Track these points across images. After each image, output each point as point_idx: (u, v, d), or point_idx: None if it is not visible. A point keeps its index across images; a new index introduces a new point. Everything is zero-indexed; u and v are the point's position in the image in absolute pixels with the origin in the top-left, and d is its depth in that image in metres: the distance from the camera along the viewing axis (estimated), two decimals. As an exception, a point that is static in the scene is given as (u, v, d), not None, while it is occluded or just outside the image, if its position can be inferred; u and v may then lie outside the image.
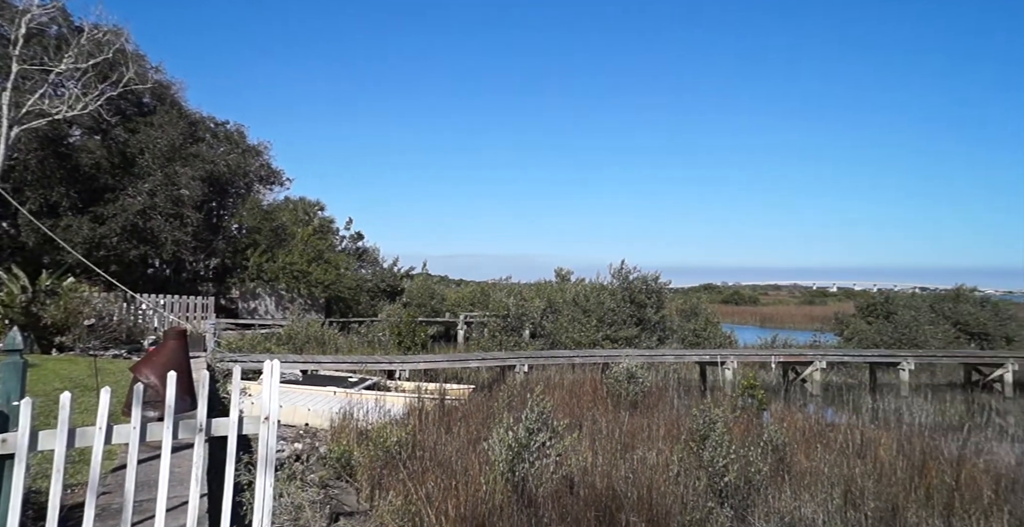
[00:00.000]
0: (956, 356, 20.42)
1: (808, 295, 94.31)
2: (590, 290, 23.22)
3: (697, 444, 7.12)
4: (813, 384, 18.61)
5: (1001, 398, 18.13)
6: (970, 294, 26.42)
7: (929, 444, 8.52)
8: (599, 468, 6.55)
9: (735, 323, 39.95)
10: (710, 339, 23.12)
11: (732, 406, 10.53)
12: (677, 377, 19.47)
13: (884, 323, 24.18)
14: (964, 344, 23.49)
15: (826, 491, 6.34)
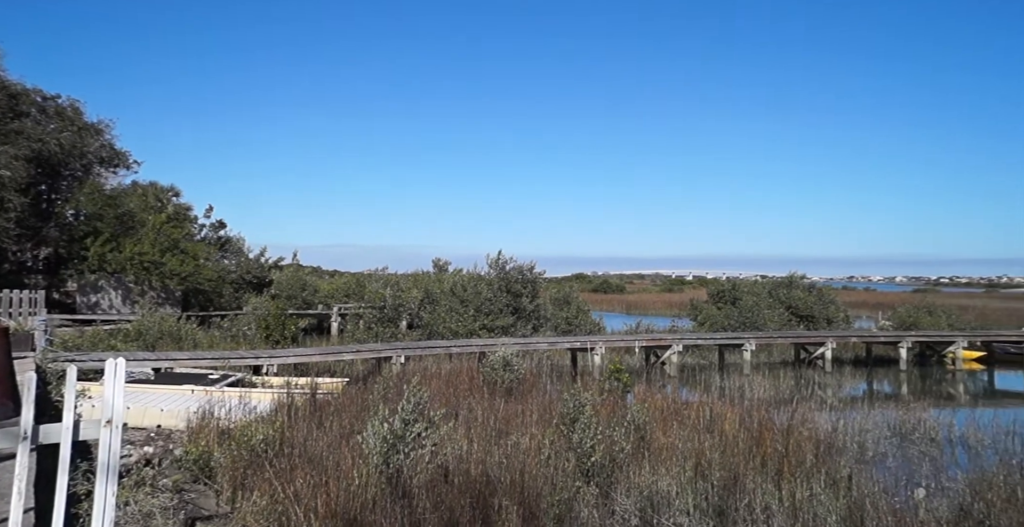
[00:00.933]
0: (788, 337, 22.99)
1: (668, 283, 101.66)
2: (468, 280, 23.39)
3: (567, 427, 7.46)
4: (671, 366, 20.12)
5: (823, 373, 20.72)
6: (800, 281, 29.81)
7: (765, 417, 9.54)
8: (474, 455, 6.66)
9: (604, 310, 42.14)
10: (581, 326, 24.21)
11: (600, 389, 11.13)
12: (550, 363, 20.21)
13: (731, 308, 26.65)
14: (795, 326, 26.51)
15: (680, 464, 6.91)
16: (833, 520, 5.72)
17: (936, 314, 27.65)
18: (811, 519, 5.77)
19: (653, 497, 6.06)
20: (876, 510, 5.75)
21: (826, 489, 6.57)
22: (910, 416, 11.65)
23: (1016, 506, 5.73)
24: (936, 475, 8.44)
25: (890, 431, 11.14)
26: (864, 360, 23.95)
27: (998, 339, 24.32)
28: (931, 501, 6.50)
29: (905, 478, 8.25)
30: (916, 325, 26.56)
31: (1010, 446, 9.92)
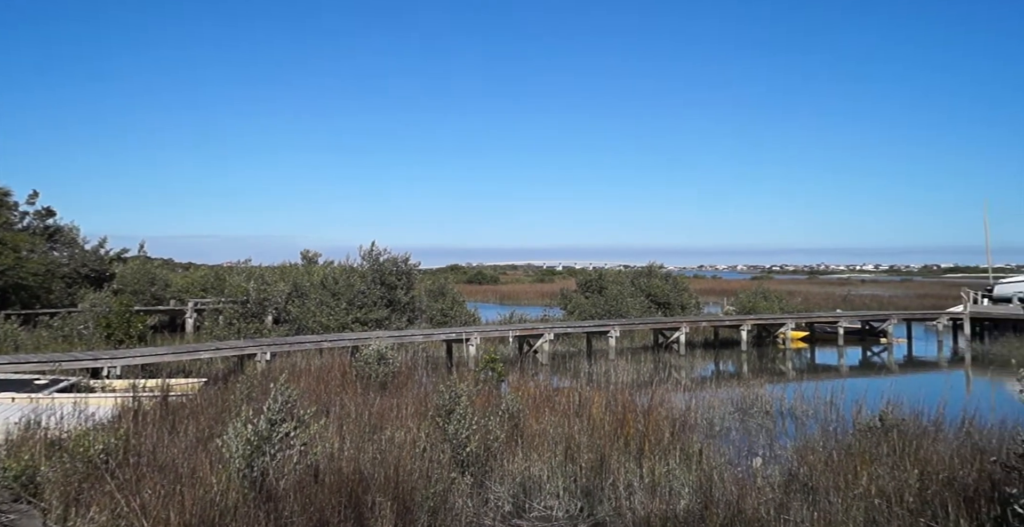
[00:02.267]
0: (648, 323, 24.67)
1: (540, 274, 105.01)
2: (340, 273, 22.59)
3: (443, 419, 7.47)
4: (543, 354, 20.83)
5: (678, 356, 22.50)
6: (659, 270, 32.08)
7: (628, 399, 10.16)
8: (347, 453, 6.49)
9: (478, 301, 42.62)
10: (456, 317, 24.31)
11: (475, 380, 11.26)
12: (426, 356, 20.11)
13: (598, 297, 28.08)
14: (654, 312, 28.50)
15: (551, 449, 7.20)
16: (686, 492, 6.25)
17: (770, 299, 31.01)
18: (668, 492, 6.27)
19: (526, 482, 6.27)
20: (722, 480, 6.35)
21: (680, 463, 7.16)
22: (749, 392, 12.97)
23: (832, 468, 6.59)
24: (770, 445, 9.50)
25: (733, 407, 12.35)
26: (712, 343, 26.31)
27: (818, 320, 27.74)
28: (766, 468, 7.29)
29: (746, 449, 9.20)
30: (754, 310, 29.61)
31: (829, 415, 11.37)
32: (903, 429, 8.01)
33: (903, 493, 5.65)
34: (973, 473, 5.86)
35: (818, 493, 6.00)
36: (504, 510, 6.11)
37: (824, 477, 6.40)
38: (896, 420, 8.40)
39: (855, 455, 6.85)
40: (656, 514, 5.59)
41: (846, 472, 6.37)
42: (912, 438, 7.49)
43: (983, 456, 6.09)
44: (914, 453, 6.84)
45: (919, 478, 5.96)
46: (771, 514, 5.37)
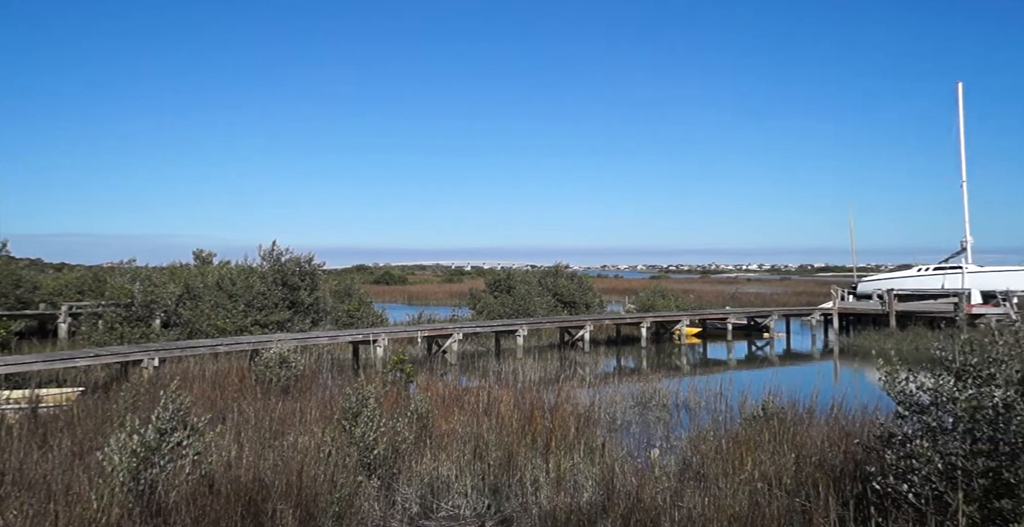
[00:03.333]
0: (555, 322, 25.28)
1: (448, 274, 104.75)
2: (237, 273, 21.43)
3: (350, 422, 7.32)
4: (452, 354, 20.81)
5: (583, 353, 23.22)
6: (564, 270, 32.98)
7: (536, 397, 10.40)
8: (245, 461, 6.21)
9: (386, 302, 41.86)
10: (363, 318, 23.77)
11: (383, 381, 11.10)
12: (331, 358, 19.52)
13: (506, 296, 28.43)
14: (560, 311, 29.24)
15: (460, 449, 7.25)
16: (590, 484, 6.50)
17: (667, 297, 32.71)
18: (572, 486, 6.49)
19: (434, 483, 6.28)
20: (623, 471, 6.66)
21: (585, 458, 7.43)
22: (648, 387, 13.63)
23: (721, 455, 7.09)
24: (667, 436, 10.05)
25: (634, 401, 12.94)
26: (615, 340, 27.36)
27: (709, 317, 29.57)
28: (663, 458, 7.71)
29: (645, 441, 9.68)
30: (653, 307, 31.08)
31: (719, 406, 12.17)
32: (782, 417, 8.73)
33: (782, 476, 6.18)
34: (840, 455, 6.51)
35: (709, 480, 6.43)
36: (411, 511, 6.09)
37: (714, 464, 6.86)
38: (776, 409, 9.15)
39: (741, 443, 7.40)
40: (561, 508, 5.78)
41: (733, 459, 6.87)
42: (790, 425, 8.19)
43: (848, 439, 6.77)
44: (791, 439, 7.49)
45: (795, 461, 6.54)
46: (667, 502, 5.70)
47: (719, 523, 5.08)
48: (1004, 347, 4.84)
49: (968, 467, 4.36)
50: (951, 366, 5.09)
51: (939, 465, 4.45)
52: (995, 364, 4.75)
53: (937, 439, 4.66)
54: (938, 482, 4.43)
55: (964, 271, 29.30)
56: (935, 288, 29.62)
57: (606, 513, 5.47)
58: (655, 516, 5.35)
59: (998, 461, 4.29)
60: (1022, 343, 4.82)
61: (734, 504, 5.48)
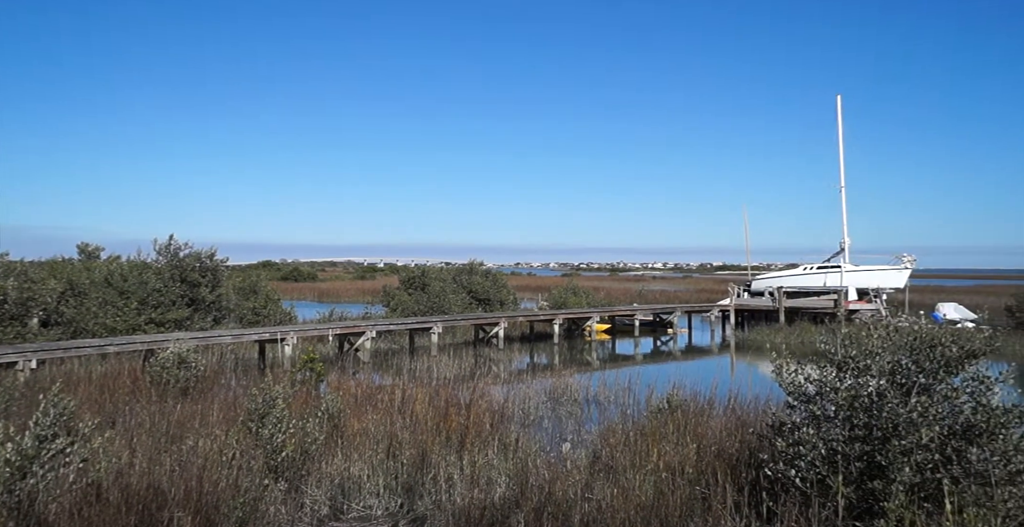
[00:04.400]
0: (469, 319, 25.33)
1: (361, 270, 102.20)
2: (129, 269, 19.89)
3: (256, 423, 7.02)
4: (365, 352, 20.38)
5: (497, 350, 23.41)
6: (479, 267, 33.07)
7: (451, 394, 10.39)
8: (138, 467, 5.81)
9: (295, 299, 40.26)
10: (270, 316, 22.79)
11: (292, 381, 10.70)
12: (236, 358, 18.58)
13: (421, 294, 28.14)
14: (475, 308, 29.32)
15: (372, 448, 7.12)
16: (503, 480, 6.58)
17: (579, 294, 33.59)
18: (486, 482, 6.54)
19: (345, 483, 6.14)
20: (536, 466, 6.79)
21: (499, 454, 7.51)
22: (560, 382, 13.96)
23: (629, 447, 7.38)
24: (578, 430, 10.33)
25: (546, 396, 13.20)
26: (528, 336, 27.77)
27: (618, 313, 30.66)
28: (574, 452, 7.94)
29: (557, 435, 9.91)
30: (565, 305, 31.83)
31: (627, 400, 12.65)
32: (685, 409, 9.20)
33: (684, 465, 6.52)
34: (737, 444, 6.95)
35: (617, 471, 6.68)
36: (321, 513, 5.93)
37: (622, 456, 7.13)
38: (680, 401, 9.63)
39: (647, 435, 7.73)
40: (475, 504, 5.81)
41: (640, 450, 7.17)
42: (692, 416, 8.65)
43: (744, 428, 7.24)
44: (693, 430, 7.90)
45: (697, 451, 6.91)
46: (578, 494, 5.87)
47: (626, 513, 5.29)
48: (878, 340, 5.35)
49: (847, 452, 4.79)
50: (833, 358, 5.56)
51: (822, 451, 4.85)
52: (870, 356, 5.23)
53: (821, 427, 5.08)
54: (821, 467, 4.83)
55: (842, 270, 32.02)
56: (818, 286, 32.21)
57: (519, 507, 5.56)
58: (566, 509, 5.49)
59: (872, 445, 4.74)
60: (893, 337, 5.34)
61: (640, 494, 5.73)
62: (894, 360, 5.15)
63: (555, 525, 5.20)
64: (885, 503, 4.09)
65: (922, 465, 4.22)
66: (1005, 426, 4.11)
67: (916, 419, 4.35)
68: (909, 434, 4.38)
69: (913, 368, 4.93)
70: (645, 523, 5.12)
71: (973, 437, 4.16)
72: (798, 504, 4.67)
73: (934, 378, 4.73)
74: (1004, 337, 23.84)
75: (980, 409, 4.23)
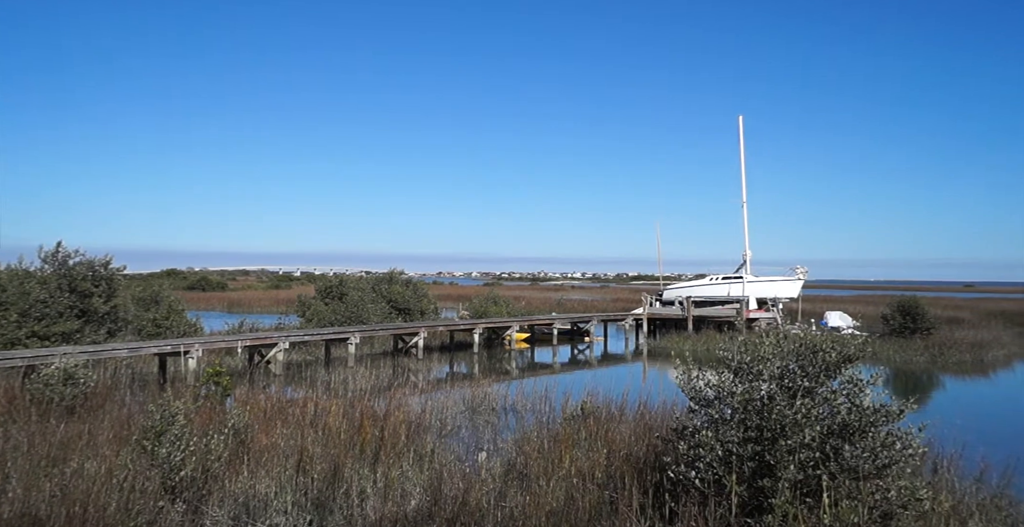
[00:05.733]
0: (389, 329, 24.93)
1: (275, 279, 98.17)
2: (8, 278, 18.19)
3: (152, 442, 6.61)
4: (277, 364, 19.59)
5: (416, 360, 23.15)
6: (399, 277, 32.65)
7: (367, 406, 10.19)
8: (11, 493, 5.34)
9: (202, 310, 38.20)
10: (173, 328, 21.49)
11: (195, 396, 10.15)
12: (132, 373, 17.36)
13: (338, 303, 27.42)
14: (395, 318, 28.89)
15: (281, 464, 6.88)
16: (418, 491, 6.53)
17: (500, 304, 33.83)
18: (400, 494, 6.47)
19: (250, 502, 5.89)
20: (451, 476, 6.77)
21: (414, 465, 7.44)
22: (479, 391, 13.99)
23: (543, 454, 7.51)
24: (494, 439, 10.39)
25: (465, 406, 13.19)
26: (448, 346, 27.64)
27: (537, 322, 31.14)
28: (490, 461, 7.99)
29: (474, 444, 9.92)
30: (486, 314, 31.96)
31: (543, 408, 12.84)
32: (598, 415, 9.48)
33: (595, 470, 6.72)
34: (644, 448, 7.23)
35: (530, 478, 6.78)
36: (224, 535, 5.66)
37: (536, 464, 7.25)
38: (593, 408, 9.91)
39: (561, 441, 7.90)
40: (388, 517, 5.74)
41: (554, 457, 7.32)
42: (604, 422, 8.92)
43: (651, 433, 7.55)
44: (605, 435, 8.16)
45: (607, 456, 7.13)
46: (492, 503, 5.92)
47: (538, 519, 5.39)
48: (769, 347, 5.75)
49: (741, 452, 5.11)
50: (731, 364, 5.92)
51: (719, 452, 5.16)
52: (762, 362, 5.62)
53: (719, 429, 5.40)
54: (718, 467, 5.13)
55: (744, 281, 34.06)
56: (723, 296, 34.09)
57: (432, 519, 5.55)
58: (479, 518, 5.53)
59: (762, 446, 5.09)
60: (782, 344, 5.77)
61: (552, 500, 5.85)
62: (783, 365, 5.55)
63: (468, 534, 5.22)
64: (773, 500, 4.41)
65: (804, 463, 4.58)
66: (874, 424, 4.54)
67: (800, 420, 4.72)
68: (794, 434, 4.74)
69: (799, 372, 5.34)
70: (555, 528, 5.24)
71: (848, 435, 4.57)
72: (696, 504, 4.93)
73: (816, 381, 5.14)
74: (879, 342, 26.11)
75: (854, 409, 4.65)
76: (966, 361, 23.75)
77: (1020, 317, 39.05)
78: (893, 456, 4.39)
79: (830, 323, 30.13)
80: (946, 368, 22.80)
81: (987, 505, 6.26)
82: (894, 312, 27.55)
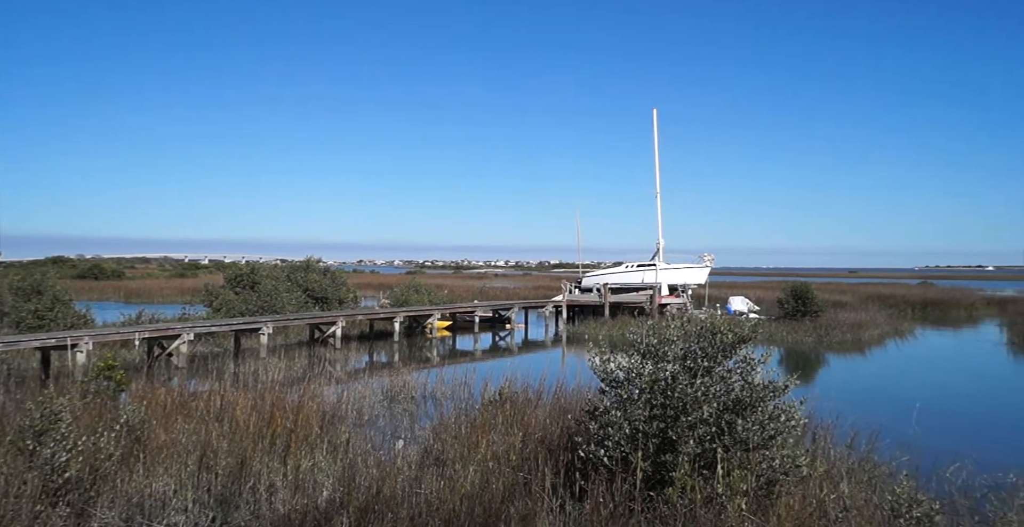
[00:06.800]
0: (304, 318, 24.15)
1: (180, 268, 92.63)
2: None
3: (33, 442, 6.09)
4: (180, 357, 18.55)
5: (334, 350, 22.58)
6: (316, 265, 31.65)
7: (278, 397, 9.84)
8: None
9: (95, 300, 35.47)
10: (59, 320, 19.85)
11: (83, 392, 9.43)
12: (8, 369, 15.90)
13: (250, 292, 26.24)
14: (311, 307, 28.01)
15: (182, 460, 6.52)
16: (331, 483, 6.39)
17: (421, 292, 33.51)
18: (311, 486, 6.30)
19: (145, 501, 5.56)
20: (366, 466, 6.68)
21: (327, 456, 7.28)
22: (398, 380, 13.84)
23: (460, 440, 7.54)
24: (412, 427, 10.33)
25: (383, 395, 13.01)
26: (368, 335, 27.13)
27: (459, 310, 31.13)
28: (407, 449, 7.93)
29: (391, 433, 9.82)
30: (407, 302, 31.58)
31: (463, 394, 12.88)
32: (515, 400, 9.60)
33: (510, 453, 6.81)
34: (558, 430, 7.40)
35: (447, 464, 6.79)
36: (117, 538, 5.31)
37: (453, 449, 7.27)
38: (511, 393, 10.02)
39: (478, 427, 7.95)
40: (297, 509, 5.58)
41: (471, 442, 7.36)
42: (521, 407, 9.05)
43: (565, 415, 7.73)
44: (521, 419, 8.28)
45: (522, 439, 7.25)
46: (407, 490, 5.88)
47: (452, 503, 5.41)
48: (674, 330, 6.02)
49: (647, 430, 5.33)
50: (640, 348, 6.15)
51: (627, 430, 5.36)
52: (668, 344, 5.87)
53: (627, 409, 5.60)
54: (625, 445, 5.33)
55: (657, 268, 35.47)
56: (637, 282, 35.38)
57: (344, 509, 5.44)
58: (394, 505, 5.48)
59: (666, 423, 5.33)
60: (686, 327, 6.04)
61: (467, 484, 5.88)
62: (686, 347, 5.82)
63: (382, 522, 5.16)
64: (674, 473, 4.63)
65: (702, 438, 4.84)
66: (763, 399, 4.86)
67: (700, 397, 4.97)
68: (694, 411, 5.00)
69: (700, 353, 5.62)
70: (469, 511, 5.27)
71: (740, 410, 4.86)
72: (605, 480, 5.11)
73: (715, 361, 5.43)
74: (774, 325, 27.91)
75: (746, 386, 4.95)
76: (847, 340, 25.86)
77: (893, 299, 43.33)
78: (778, 428, 4.72)
79: (733, 308, 31.96)
80: (830, 347, 24.75)
81: (855, 468, 6.91)
82: (788, 296, 29.54)
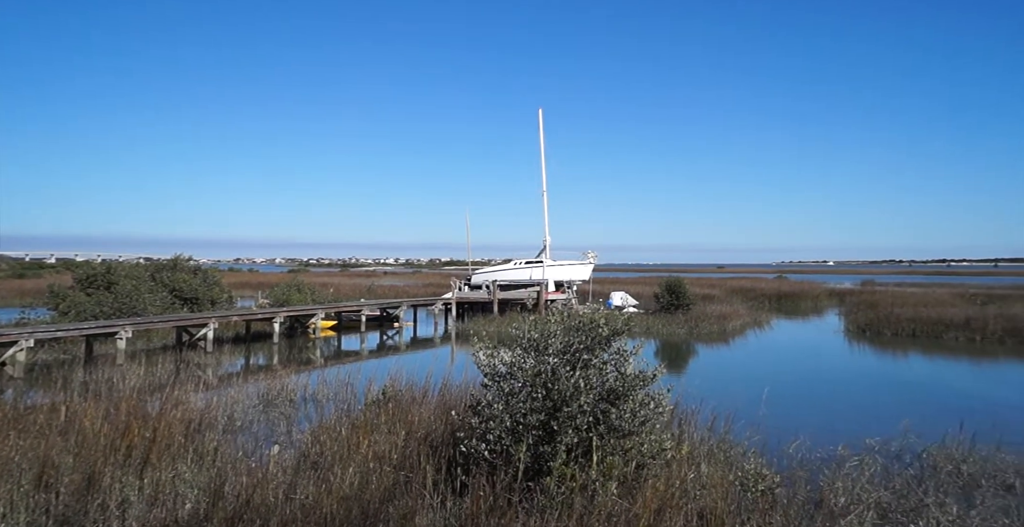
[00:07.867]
0: (170, 321, 22.28)
1: (20, 267, 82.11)
2: None
3: None
4: (18, 366, 16.48)
5: (205, 354, 21.04)
6: (186, 263, 29.31)
7: (136, 406, 9.02)
8: None
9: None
10: None
11: None
12: None
13: (105, 294, 23.79)
14: (179, 309, 25.89)
15: (14, 480, 5.79)
16: (195, 494, 5.94)
17: (304, 291, 32.06)
18: (172, 499, 5.83)
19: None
20: (236, 473, 6.28)
21: (192, 466, 6.76)
22: (276, 383, 13.15)
23: (340, 442, 7.29)
24: (290, 431, 9.85)
25: (259, 399, 12.30)
26: (244, 337, 25.54)
27: (344, 309, 30.14)
28: (283, 454, 7.55)
29: (265, 438, 9.30)
30: (288, 302, 30.09)
31: (346, 395, 12.47)
32: (399, 399, 9.45)
33: (392, 453, 6.69)
34: (442, 427, 7.38)
35: (325, 467, 6.54)
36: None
37: (332, 452, 7.02)
38: (395, 392, 9.85)
39: (359, 427, 7.74)
40: (155, 524, 5.14)
41: (351, 443, 7.14)
42: (406, 405, 8.91)
43: (450, 412, 7.72)
44: (405, 418, 8.16)
45: (405, 438, 7.15)
46: (281, 497, 5.59)
47: (329, 507, 5.22)
48: (555, 325, 6.19)
49: (529, 422, 5.44)
50: (522, 342, 6.26)
51: (508, 423, 5.43)
52: (549, 338, 6.03)
53: (509, 402, 5.69)
54: (507, 438, 5.41)
55: (544, 265, 36.45)
56: (525, 279, 36.15)
57: (208, 520, 5.09)
58: (265, 513, 5.19)
59: (548, 414, 5.47)
60: (566, 321, 6.24)
61: (345, 486, 5.70)
62: (566, 341, 6.01)
63: (252, 533, 4.88)
64: (552, 463, 4.76)
65: (580, 427, 5.02)
66: (634, 388, 5.12)
67: (579, 388, 5.15)
68: (574, 401, 5.17)
69: (579, 346, 5.82)
70: (347, 513, 5.11)
71: (614, 399, 5.10)
72: (485, 474, 5.15)
73: (592, 354, 5.65)
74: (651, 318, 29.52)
75: (620, 377, 5.20)
76: (714, 331, 27.98)
77: (753, 292, 47.72)
78: (648, 415, 5.00)
79: (614, 302, 33.49)
80: (699, 337, 26.66)
81: (714, 450, 7.53)
82: (663, 291, 31.44)
